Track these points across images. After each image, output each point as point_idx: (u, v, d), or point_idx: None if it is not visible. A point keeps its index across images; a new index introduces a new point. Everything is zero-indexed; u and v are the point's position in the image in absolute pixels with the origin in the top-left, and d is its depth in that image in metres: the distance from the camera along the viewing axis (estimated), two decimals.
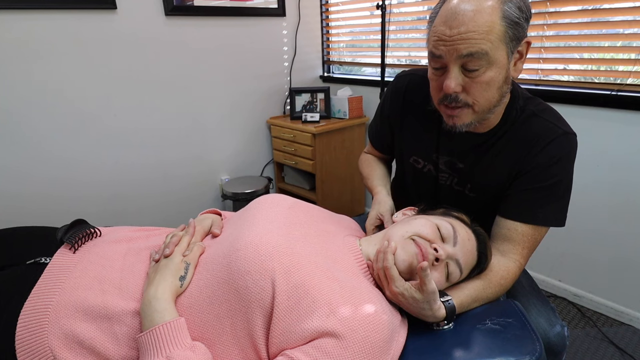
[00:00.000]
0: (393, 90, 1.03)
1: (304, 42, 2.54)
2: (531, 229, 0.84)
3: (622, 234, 1.62)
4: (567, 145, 0.83)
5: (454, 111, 0.80)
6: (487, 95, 0.77)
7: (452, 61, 0.74)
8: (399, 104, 1.01)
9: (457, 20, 0.71)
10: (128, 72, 1.92)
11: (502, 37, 0.72)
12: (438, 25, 0.74)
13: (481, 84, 0.75)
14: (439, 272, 0.75)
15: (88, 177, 1.93)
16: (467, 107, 0.78)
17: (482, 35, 0.70)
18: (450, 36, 0.72)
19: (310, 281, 0.67)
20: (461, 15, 0.70)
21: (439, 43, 0.74)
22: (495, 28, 0.71)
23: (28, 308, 0.69)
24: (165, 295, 0.67)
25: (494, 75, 0.75)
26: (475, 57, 0.72)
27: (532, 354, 0.68)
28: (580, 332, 1.65)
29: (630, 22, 1.47)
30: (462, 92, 0.77)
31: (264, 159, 2.59)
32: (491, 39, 0.71)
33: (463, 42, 0.71)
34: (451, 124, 0.82)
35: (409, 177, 1.07)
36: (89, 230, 0.86)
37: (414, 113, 0.98)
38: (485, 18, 0.70)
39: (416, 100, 0.97)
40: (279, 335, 0.64)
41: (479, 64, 0.73)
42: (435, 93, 0.82)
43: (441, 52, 0.74)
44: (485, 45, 0.71)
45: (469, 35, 0.70)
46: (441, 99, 0.80)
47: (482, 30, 0.70)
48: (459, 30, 0.71)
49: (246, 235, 0.72)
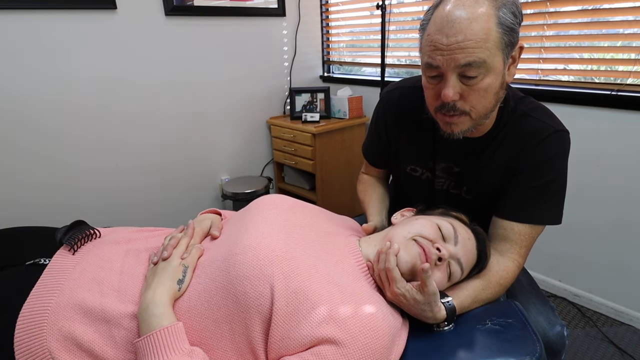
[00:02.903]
0: (386, 105, 1.02)
1: (304, 42, 2.53)
2: (528, 227, 0.84)
3: (622, 234, 1.62)
4: (560, 142, 0.84)
5: (452, 118, 0.79)
6: (484, 102, 0.77)
7: (449, 70, 0.73)
8: (394, 117, 1.00)
9: (453, 29, 0.69)
10: (128, 72, 1.92)
11: (498, 44, 0.71)
12: (433, 34, 0.72)
13: (479, 91, 0.74)
14: (442, 272, 0.75)
15: (88, 177, 1.93)
16: (465, 114, 0.78)
17: (479, 43, 0.69)
18: (447, 45, 0.70)
19: (310, 286, 0.66)
20: (457, 23, 0.69)
21: (436, 53, 0.72)
22: (492, 35, 0.70)
23: (27, 309, 0.69)
24: (163, 300, 0.66)
25: (491, 82, 0.74)
26: (473, 65, 0.71)
27: (532, 355, 0.68)
28: (580, 332, 1.65)
29: (630, 22, 1.47)
30: (459, 100, 0.76)
31: (264, 159, 2.58)
32: (488, 46, 0.70)
33: (461, 51, 0.70)
34: (449, 132, 0.82)
35: (406, 186, 1.06)
36: (88, 231, 0.85)
37: (409, 124, 0.98)
38: (481, 25, 0.69)
39: (410, 111, 0.97)
40: (278, 342, 0.63)
41: (477, 72, 0.72)
42: (432, 101, 0.81)
43: (438, 63, 0.72)
44: (483, 53, 0.70)
45: (467, 44, 0.69)
46: (438, 107, 0.79)
47: (479, 38, 0.69)
48: (457, 39, 0.69)
49: (245, 239, 0.71)
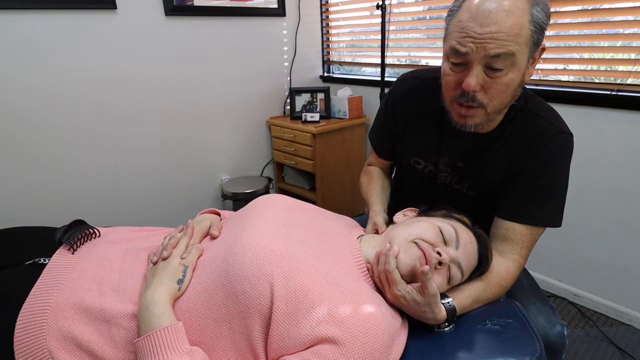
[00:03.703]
0: (396, 93, 1.02)
1: (304, 42, 2.53)
2: (529, 229, 0.84)
3: (622, 234, 1.62)
4: (564, 144, 0.84)
5: (468, 111, 0.78)
6: (502, 97, 0.77)
7: (477, 59, 0.72)
8: (403, 107, 1.00)
9: (489, 19, 0.69)
10: (128, 72, 1.92)
11: (527, 41, 0.71)
12: (466, 21, 0.71)
13: (500, 85, 0.74)
14: (441, 275, 0.74)
15: (88, 177, 1.93)
16: (481, 107, 0.77)
17: (511, 37, 0.69)
18: (480, 34, 0.70)
19: (310, 285, 0.66)
20: (494, 14, 0.69)
21: (467, 40, 0.71)
22: (524, 31, 0.70)
23: (26, 309, 0.69)
24: (163, 299, 0.66)
25: (514, 77, 0.74)
26: (502, 57, 0.71)
27: (532, 355, 0.68)
28: (580, 332, 1.65)
29: (630, 22, 1.47)
30: (479, 91, 0.76)
31: (264, 159, 2.58)
32: (519, 41, 0.70)
33: (493, 41, 0.69)
34: (462, 123, 0.81)
35: (407, 178, 1.06)
36: (88, 230, 0.85)
37: (417, 115, 0.98)
38: (516, 20, 0.69)
39: (419, 102, 0.96)
40: (278, 341, 0.63)
41: (504, 65, 0.72)
42: (450, 89, 0.80)
43: (467, 49, 0.72)
44: (513, 47, 0.70)
45: (500, 36, 0.69)
46: (456, 97, 0.79)
47: (512, 32, 0.69)
48: (490, 29, 0.69)
49: (244, 239, 0.71)
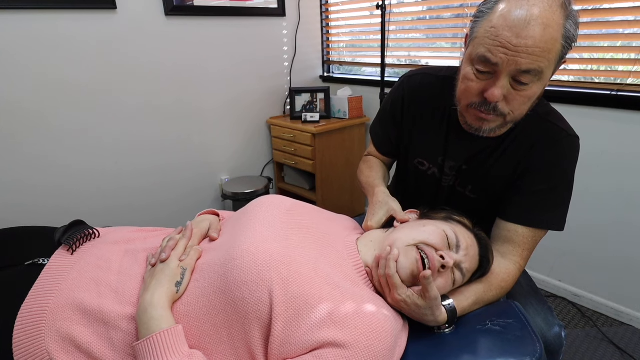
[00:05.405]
0: (406, 88, 0.98)
1: (304, 42, 2.53)
2: (531, 231, 0.84)
3: (622, 233, 1.62)
4: (571, 147, 0.83)
5: (488, 115, 0.76)
6: (523, 108, 0.76)
7: (506, 71, 0.70)
8: (415, 101, 0.97)
9: (526, 30, 0.66)
10: (128, 72, 1.92)
11: (556, 57, 0.70)
12: (501, 29, 0.68)
13: (523, 98, 0.73)
14: (445, 278, 0.74)
15: (88, 178, 1.93)
16: (502, 116, 0.76)
17: (544, 53, 0.68)
18: (515, 45, 0.67)
19: (310, 290, 0.65)
20: (532, 26, 0.66)
21: (499, 50, 0.68)
22: (556, 47, 0.68)
23: (25, 310, 0.68)
24: (162, 302, 0.65)
25: (537, 91, 0.73)
26: (531, 73, 0.69)
27: (532, 355, 0.68)
28: (580, 332, 1.65)
29: (630, 22, 1.46)
30: (502, 102, 0.74)
31: (264, 159, 2.58)
32: (550, 57, 0.69)
33: (527, 56, 0.67)
34: (477, 127, 0.80)
35: (410, 178, 1.05)
36: (87, 231, 0.85)
37: (424, 115, 0.96)
38: (552, 34, 0.67)
39: (428, 101, 0.94)
40: (279, 347, 0.63)
41: (530, 80, 0.70)
42: (470, 95, 0.77)
43: (498, 60, 0.69)
44: (544, 63, 0.69)
45: (534, 51, 0.67)
46: (477, 104, 0.76)
47: (546, 47, 0.67)
48: (526, 43, 0.66)
49: (243, 243, 0.70)
